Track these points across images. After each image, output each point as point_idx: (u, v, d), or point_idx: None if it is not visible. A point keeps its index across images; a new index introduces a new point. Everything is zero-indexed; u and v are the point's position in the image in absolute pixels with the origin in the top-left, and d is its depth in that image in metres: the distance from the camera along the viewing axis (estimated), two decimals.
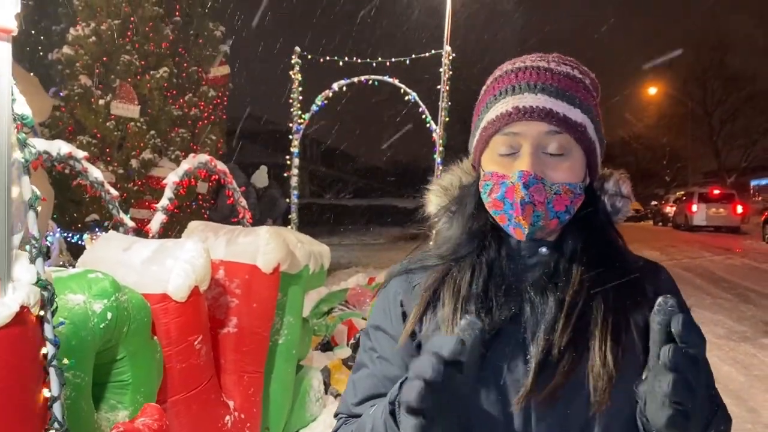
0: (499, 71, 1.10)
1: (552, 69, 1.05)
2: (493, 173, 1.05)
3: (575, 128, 1.03)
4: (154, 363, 3.25)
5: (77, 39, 12.00)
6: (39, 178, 6.85)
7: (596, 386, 0.96)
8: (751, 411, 5.05)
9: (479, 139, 1.08)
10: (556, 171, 1.02)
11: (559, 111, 1.01)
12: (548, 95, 1.01)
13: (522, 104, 1.01)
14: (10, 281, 2.05)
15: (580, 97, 1.05)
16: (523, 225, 1.02)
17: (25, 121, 2.08)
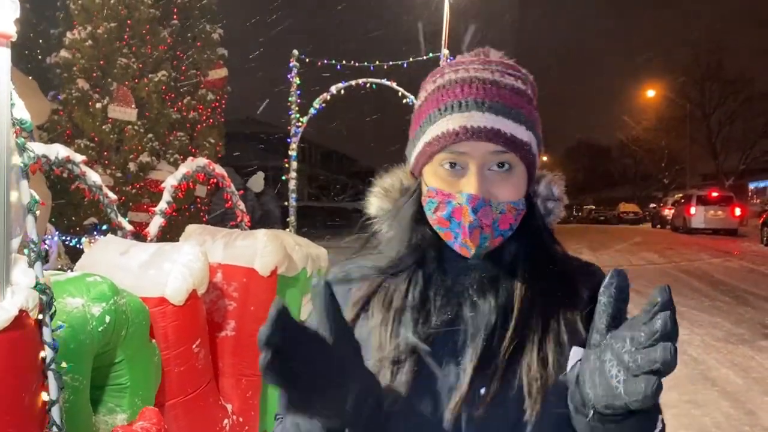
0: (441, 78, 1.08)
1: (498, 82, 1.03)
2: (438, 191, 1.03)
3: (521, 147, 1.02)
4: (152, 366, 3.25)
5: (74, 43, 12.01)
6: (36, 181, 6.84)
7: (530, 390, 0.96)
8: (749, 413, 5.06)
9: (422, 153, 1.06)
10: (501, 189, 1.02)
11: (507, 131, 1.00)
12: (496, 114, 1.00)
13: (470, 124, 0.99)
14: (9, 285, 2.06)
15: (525, 113, 1.04)
16: (470, 246, 1.01)
17: (24, 126, 2.09)
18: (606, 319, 0.82)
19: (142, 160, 12.39)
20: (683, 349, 6.98)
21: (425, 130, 1.05)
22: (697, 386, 5.72)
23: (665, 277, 12.47)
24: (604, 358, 0.79)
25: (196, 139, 13.78)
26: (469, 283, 1.05)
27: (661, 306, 0.75)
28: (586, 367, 0.83)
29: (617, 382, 0.76)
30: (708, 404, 5.26)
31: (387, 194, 1.18)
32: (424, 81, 1.12)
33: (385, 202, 1.17)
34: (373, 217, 1.18)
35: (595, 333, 0.83)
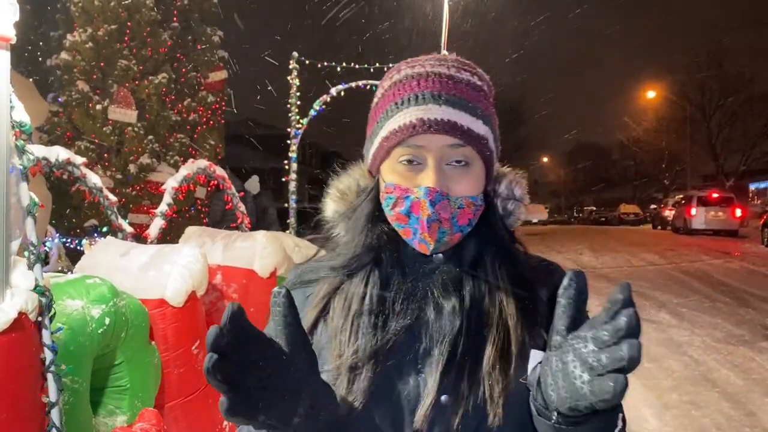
0: (398, 74, 1.06)
1: (454, 77, 1.02)
2: (396, 186, 1.02)
3: (478, 141, 1.01)
4: (152, 368, 3.26)
5: (74, 45, 12.02)
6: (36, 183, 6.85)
7: (492, 394, 0.95)
8: (749, 415, 5.05)
9: (379, 149, 1.05)
10: (459, 184, 1.01)
11: (464, 124, 0.99)
12: (452, 107, 0.99)
13: (427, 116, 0.98)
14: (9, 287, 2.06)
15: (482, 108, 1.03)
16: (428, 241, 1.01)
17: (23, 129, 2.09)
18: (566, 320, 0.81)
19: (142, 161, 12.39)
20: (683, 350, 6.98)
21: (382, 126, 1.04)
22: (698, 387, 5.72)
23: (666, 278, 12.46)
24: (566, 359, 0.78)
25: (197, 141, 13.78)
26: (431, 285, 1.04)
27: (624, 303, 0.75)
28: (548, 370, 0.82)
29: (582, 383, 0.75)
30: (708, 405, 5.25)
31: (343, 197, 1.16)
32: (382, 79, 1.11)
33: (340, 205, 1.16)
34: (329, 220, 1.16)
35: (556, 335, 0.82)
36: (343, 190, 1.17)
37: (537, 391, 0.87)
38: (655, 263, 15.31)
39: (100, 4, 12.05)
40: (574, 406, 0.77)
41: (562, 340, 0.81)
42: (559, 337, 0.81)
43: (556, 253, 18.26)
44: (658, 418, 4.98)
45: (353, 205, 1.14)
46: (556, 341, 0.82)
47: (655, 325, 8.20)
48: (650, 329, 7.93)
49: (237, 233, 4.64)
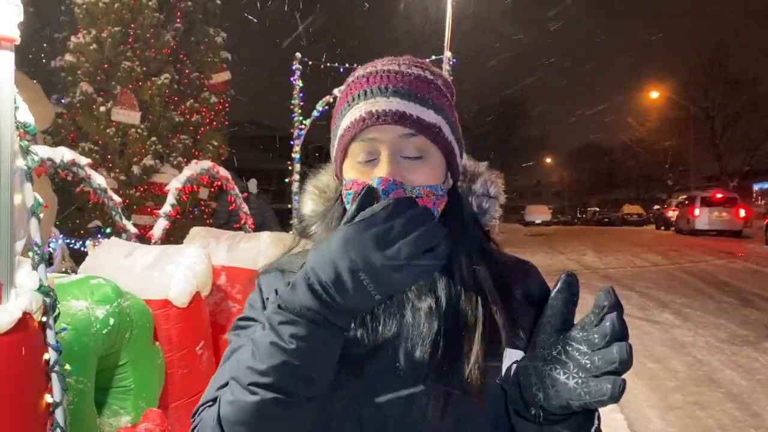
0: (352, 77, 1.08)
1: (403, 72, 1.04)
2: (354, 181, 1.03)
3: (430, 129, 1.01)
4: (156, 368, 3.26)
5: (78, 46, 12.05)
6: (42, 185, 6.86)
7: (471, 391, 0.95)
8: (754, 415, 5.04)
9: (338, 148, 1.06)
10: (416, 174, 1.00)
11: (413, 113, 1.00)
12: (400, 98, 1.00)
13: (374, 108, 0.99)
14: (13, 287, 2.07)
15: (433, 98, 1.03)
16: None
17: (27, 129, 2.10)
18: (557, 322, 0.82)
19: (145, 163, 12.42)
20: (687, 350, 6.97)
21: (338, 125, 1.05)
22: (702, 388, 5.70)
23: (669, 279, 12.44)
24: (557, 361, 0.80)
25: (200, 142, 13.81)
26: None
27: (609, 308, 0.77)
28: (531, 370, 0.84)
29: (576, 384, 0.77)
30: (713, 406, 5.24)
31: (321, 195, 1.17)
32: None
33: (318, 203, 1.17)
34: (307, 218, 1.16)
35: (543, 335, 0.83)
36: (321, 188, 1.18)
37: (516, 391, 0.88)
38: (659, 264, 15.28)
39: (104, 6, 12.09)
40: (566, 405, 0.79)
41: (548, 340, 0.82)
42: (546, 337, 0.83)
43: (559, 254, 18.25)
44: (662, 418, 4.97)
45: (327, 206, 1.14)
46: (543, 342, 0.83)
47: (658, 325, 8.18)
48: (654, 329, 7.92)
49: (241, 234, 4.64)
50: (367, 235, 0.82)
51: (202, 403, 1.00)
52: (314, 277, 0.84)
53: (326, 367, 0.87)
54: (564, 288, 0.82)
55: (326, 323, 0.84)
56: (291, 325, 0.84)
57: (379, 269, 0.81)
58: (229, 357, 1.03)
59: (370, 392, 0.97)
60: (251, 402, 0.85)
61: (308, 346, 0.83)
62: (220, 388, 0.97)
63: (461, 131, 1.12)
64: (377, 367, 0.98)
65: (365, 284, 0.81)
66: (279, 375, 0.84)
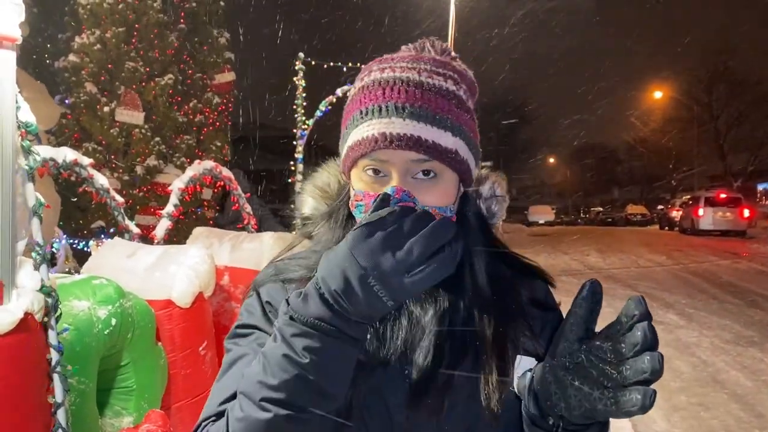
0: (367, 76, 1.02)
1: (423, 84, 0.97)
2: (365, 193, 0.99)
3: (445, 155, 0.96)
4: (159, 369, 3.25)
5: (82, 47, 12.08)
6: (45, 185, 6.87)
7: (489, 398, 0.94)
8: (759, 416, 5.02)
9: (347, 157, 1.02)
10: (427, 195, 0.97)
11: (429, 138, 0.94)
12: (417, 120, 0.94)
13: (389, 131, 0.94)
14: (15, 288, 2.06)
15: (453, 119, 0.98)
16: None
17: (29, 129, 2.09)
18: (580, 330, 0.80)
19: (149, 163, 12.43)
20: (692, 351, 6.94)
21: (349, 134, 1.01)
22: (707, 389, 5.68)
23: (673, 279, 12.41)
24: (580, 369, 0.78)
25: (203, 143, 13.82)
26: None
27: (639, 317, 0.75)
28: (551, 379, 0.81)
29: (601, 394, 0.75)
30: (717, 407, 5.22)
31: (323, 194, 1.14)
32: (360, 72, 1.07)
33: (320, 202, 1.13)
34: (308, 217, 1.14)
35: (565, 343, 0.81)
36: (322, 187, 1.15)
37: (530, 400, 0.86)
38: (663, 264, 15.25)
39: (108, 6, 12.11)
40: (590, 416, 0.77)
41: (569, 348, 0.80)
42: (568, 345, 0.80)
43: (563, 254, 18.21)
44: (667, 419, 4.95)
45: (332, 207, 1.11)
46: (565, 349, 0.80)
47: (663, 326, 8.16)
48: (658, 330, 7.65)
49: (244, 234, 4.64)
50: (376, 239, 0.79)
51: (205, 418, 0.97)
52: (325, 287, 0.81)
53: (341, 380, 0.84)
54: (588, 296, 0.80)
55: (340, 334, 0.81)
56: (304, 337, 0.81)
57: (389, 273, 0.78)
58: (229, 367, 1.00)
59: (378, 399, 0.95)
60: (263, 419, 0.82)
61: (323, 359, 0.80)
62: (224, 402, 0.94)
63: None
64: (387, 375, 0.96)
65: (376, 291, 0.78)
66: (292, 390, 0.81)
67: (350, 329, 0.81)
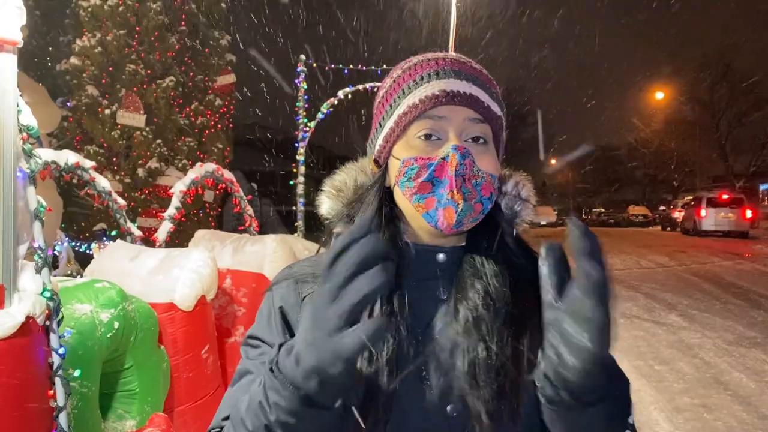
0: (408, 63, 1.04)
1: (468, 63, 1.03)
2: (417, 157, 0.97)
3: (496, 120, 1.01)
4: (161, 372, 3.25)
5: (84, 50, 12.09)
6: (47, 188, 6.87)
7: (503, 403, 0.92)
8: (762, 418, 5.00)
9: (393, 128, 1.01)
10: (480, 159, 0.98)
11: (484, 100, 0.99)
12: (473, 83, 0.99)
13: (450, 88, 0.97)
14: (16, 291, 2.06)
15: (497, 93, 1.03)
16: (457, 201, 0.95)
17: (30, 132, 2.09)
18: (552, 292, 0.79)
19: (150, 165, 12.44)
20: (695, 352, 6.93)
21: (399, 104, 1.01)
22: (709, 390, 5.67)
23: (676, 280, 12.39)
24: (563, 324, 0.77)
25: (205, 145, 13.83)
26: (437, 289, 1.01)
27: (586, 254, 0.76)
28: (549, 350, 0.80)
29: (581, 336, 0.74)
30: (720, 408, 5.21)
31: (339, 194, 1.12)
32: (386, 77, 1.08)
33: (336, 202, 1.11)
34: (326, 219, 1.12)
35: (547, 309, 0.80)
36: (338, 187, 1.13)
37: (544, 381, 0.83)
38: (665, 265, 15.23)
39: (109, 9, 12.12)
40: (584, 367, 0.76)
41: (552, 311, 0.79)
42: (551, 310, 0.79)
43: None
44: (670, 421, 4.94)
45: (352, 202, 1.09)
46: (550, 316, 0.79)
47: (665, 327, 8.14)
48: (661, 331, 7.88)
49: (246, 237, 4.63)
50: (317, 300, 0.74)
51: (210, 428, 0.99)
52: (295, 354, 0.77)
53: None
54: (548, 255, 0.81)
55: (310, 401, 0.76)
56: (276, 393, 0.78)
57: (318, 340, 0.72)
58: (239, 378, 1.00)
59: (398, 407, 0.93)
60: None
61: (289, 420, 0.77)
62: (226, 418, 0.96)
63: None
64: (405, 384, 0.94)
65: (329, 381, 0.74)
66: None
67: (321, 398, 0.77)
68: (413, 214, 1.00)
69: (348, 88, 10.38)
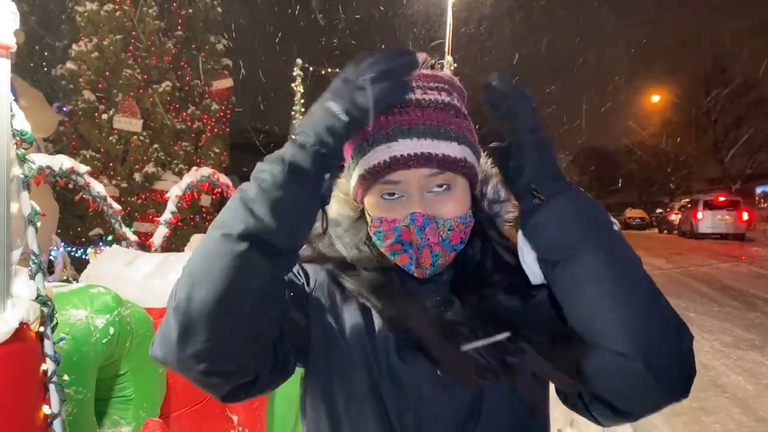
0: None
1: (421, 101, 1.00)
2: (383, 219, 1.02)
3: (456, 164, 0.99)
4: (157, 378, 3.23)
5: (80, 54, 12.08)
6: (43, 193, 6.86)
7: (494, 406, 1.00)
8: (760, 420, 5.00)
9: (358, 185, 1.04)
10: (445, 207, 1.00)
11: (438, 152, 0.97)
12: (424, 137, 0.97)
13: (399, 153, 0.97)
14: (10, 297, 2.04)
15: (455, 128, 1.01)
16: (424, 266, 1.01)
17: (24, 137, 2.08)
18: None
19: (147, 170, 12.43)
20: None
21: (357, 162, 1.02)
22: (707, 393, 5.66)
23: (673, 283, 12.39)
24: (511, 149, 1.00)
25: (201, 149, 13.82)
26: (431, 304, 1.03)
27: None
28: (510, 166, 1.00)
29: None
30: (718, 411, 5.20)
31: (347, 198, 1.15)
32: None
33: (345, 208, 1.15)
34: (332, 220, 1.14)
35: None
36: (345, 191, 1.15)
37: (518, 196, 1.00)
38: (662, 267, 15.23)
39: (106, 14, 12.13)
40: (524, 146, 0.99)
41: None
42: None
43: None
44: (668, 424, 4.93)
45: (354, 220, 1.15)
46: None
47: None
48: None
49: None
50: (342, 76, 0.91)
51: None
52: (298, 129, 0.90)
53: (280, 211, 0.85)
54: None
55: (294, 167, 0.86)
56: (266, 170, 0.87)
57: (340, 90, 0.88)
58: None
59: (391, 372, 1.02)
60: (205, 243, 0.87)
61: (265, 185, 0.85)
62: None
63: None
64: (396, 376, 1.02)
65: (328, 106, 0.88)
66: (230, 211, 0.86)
67: (305, 160, 0.87)
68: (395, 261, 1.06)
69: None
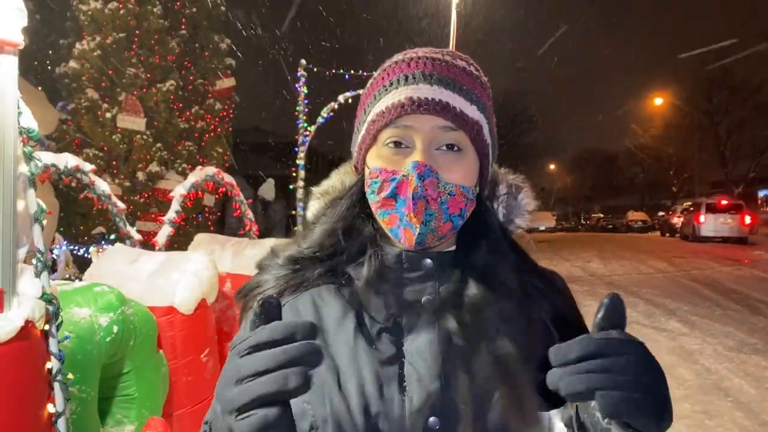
0: (389, 62, 0.99)
1: (448, 62, 0.95)
2: (382, 169, 0.93)
3: (471, 126, 0.93)
4: (160, 377, 3.23)
5: (83, 53, 12.09)
6: (44, 190, 6.86)
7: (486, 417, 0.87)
8: (763, 424, 4.99)
9: (365, 135, 0.97)
10: (450, 171, 0.92)
11: (456, 105, 0.91)
12: (445, 87, 0.92)
13: (416, 95, 0.91)
14: (15, 295, 2.04)
15: (477, 94, 0.95)
16: (414, 225, 0.90)
17: (31, 135, 2.07)
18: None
19: (150, 169, 12.43)
20: (695, 358, 6.91)
21: (369, 110, 0.97)
22: (710, 397, 5.65)
23: (675, 286, 12.38)
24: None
25: (204, 149, 13.82)
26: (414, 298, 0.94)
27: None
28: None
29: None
30: (721, 415, 5.19)
31: (324, 196, 1.09)
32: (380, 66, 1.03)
33: (321, 204, 1.08)
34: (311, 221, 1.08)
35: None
36: (325, 190, 1.09)
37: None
38: (665, 271, 15.21)
39: (109, 12, 12.13)
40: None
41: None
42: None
43: (564, 261, 18.18)
44: (671, 427, 4.91)
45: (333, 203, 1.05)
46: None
47: (665, 333, 8.12)
48: (661, 337, 7.86)
49: (246, 240, 4.62)
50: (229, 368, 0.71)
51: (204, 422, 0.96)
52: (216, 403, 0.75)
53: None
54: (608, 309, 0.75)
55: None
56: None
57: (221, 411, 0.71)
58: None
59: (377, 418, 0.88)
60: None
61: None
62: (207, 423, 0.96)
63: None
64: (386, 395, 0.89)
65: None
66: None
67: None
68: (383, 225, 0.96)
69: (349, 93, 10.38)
